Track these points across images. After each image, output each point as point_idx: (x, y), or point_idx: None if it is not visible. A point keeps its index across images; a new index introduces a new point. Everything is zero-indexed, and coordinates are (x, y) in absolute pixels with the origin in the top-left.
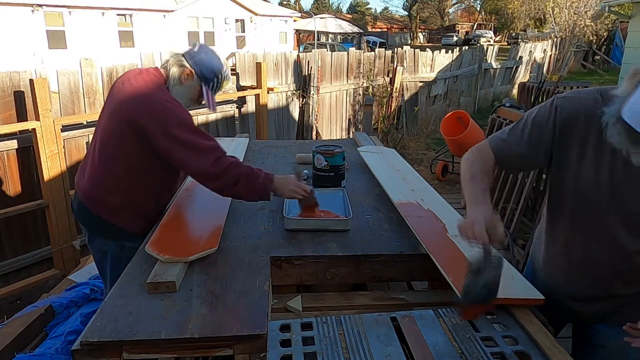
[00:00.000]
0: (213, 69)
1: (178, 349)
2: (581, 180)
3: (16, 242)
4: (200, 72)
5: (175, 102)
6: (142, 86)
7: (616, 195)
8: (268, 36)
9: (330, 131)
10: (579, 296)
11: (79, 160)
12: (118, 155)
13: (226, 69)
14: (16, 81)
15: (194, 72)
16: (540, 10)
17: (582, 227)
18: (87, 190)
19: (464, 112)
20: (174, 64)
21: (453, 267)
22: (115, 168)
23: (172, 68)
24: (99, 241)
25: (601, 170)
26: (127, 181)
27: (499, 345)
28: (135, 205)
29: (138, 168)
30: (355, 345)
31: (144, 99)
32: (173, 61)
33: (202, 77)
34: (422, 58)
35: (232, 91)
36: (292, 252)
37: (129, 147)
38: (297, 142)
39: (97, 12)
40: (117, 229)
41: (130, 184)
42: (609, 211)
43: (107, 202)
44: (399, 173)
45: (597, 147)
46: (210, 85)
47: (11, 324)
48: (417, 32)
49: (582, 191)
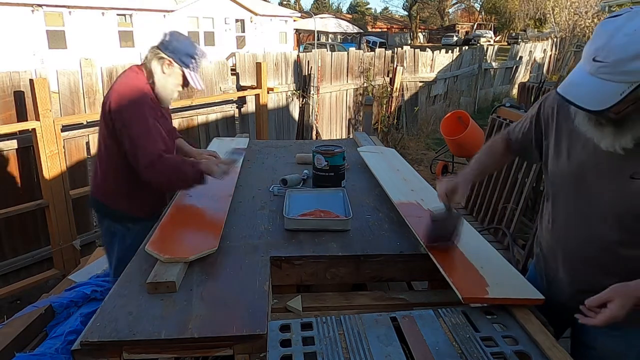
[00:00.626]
0: (189, 52)
1: (178, 349)
2: (555, 167)
3: (16, 242)
4: (178, 59)
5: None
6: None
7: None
8: (268, 36)
9: (330, 131)
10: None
11: (79, 160)
12: (105, 149)
13: (199, 49)
14: (16, 81)
15: (172, 61)
16: (540, 10)
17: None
18: (93, 182)
19: (464, 112)
20: (153, 58)
21: (453, 267)
22: (107, 160)
23: (152, 62)
24: (107, 223)
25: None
26: (118, 171)
27: (499, 345)
28: (133, 193)
29: (123, 159)
30: (355, 345)
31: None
32: (151, 56)
33: (181, 62)
34: (422, 58)
35: (232, 91)
36: (292, 252)
37: (110, 140)
38: (297, 142)
39: (97, 12)
40: (121, 213)
41: (122, 173)
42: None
43: (109, 191)
44: (399, 173)
45: (568, 134)
46: (190, 67)
47: (11, 324)
48: (417, 32)
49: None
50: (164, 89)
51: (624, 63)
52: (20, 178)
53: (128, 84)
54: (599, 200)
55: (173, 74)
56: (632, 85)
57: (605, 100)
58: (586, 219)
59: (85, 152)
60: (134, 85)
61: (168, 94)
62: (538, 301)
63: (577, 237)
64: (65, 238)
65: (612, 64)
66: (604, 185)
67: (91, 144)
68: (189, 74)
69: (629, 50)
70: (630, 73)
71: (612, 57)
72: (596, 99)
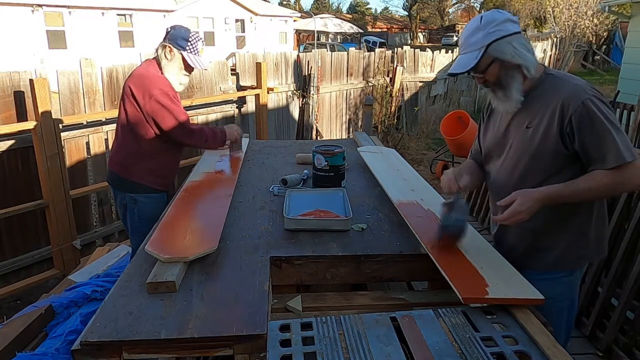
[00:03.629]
0: (183, 36)
1: (178, 349)
2: (485, 140)
3: (16, 242)
4: (175, 43)
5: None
6: (136, 70)
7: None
8: (268, 36)
9: (330, 131)
10: None
11: (79, 160)
12: (122, 124)
13: (195, 33)
14: (16, 81)
15: (172, 46)
16: (542, 8)
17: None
18: (111, 157)
19: (464, 112)
20: (159, 49)
21: (453, 267)
22: (123, 134)
23: (159, 51)
24: (120, 196)
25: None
26: (133, 144)
27: (499, 345)
28: (143, 163)
29: (137, 132)
30: (355, 345)
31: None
32: (159, 48)
33: (178, 46)
34: (422, 58)
35: (232, 91)
36: (292, 252)
37: (127, 115)
38: (297, 142)
39: (97, 12)
40: (131, 183)
41: (134, 145)
42: (500, 156)
43: (122, 162)
44: (399, 173)
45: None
46: (187, 49)
47: (11, 324)
48: (417, 32)
49: (486, 148)
50: (170, 73)
51: (468, 39)
52: (20, 178)
53: (148, 73)
54: (510, 152)
55: (174, 59)
56: (480, 50)
57: (468, 64)
58: (504, 169)
59: (85, 152)
60: (152, 73)
61: (176, 78)
62: (538, 301)
63: (499, 182)
64: (65, 238)
65: (463, 42)
66: (513, 139)
67: (91, 144)
68: (187, 56)
69: (468, 30)
70: (474, 44)
71: (462, 39)
72: (462, 65)
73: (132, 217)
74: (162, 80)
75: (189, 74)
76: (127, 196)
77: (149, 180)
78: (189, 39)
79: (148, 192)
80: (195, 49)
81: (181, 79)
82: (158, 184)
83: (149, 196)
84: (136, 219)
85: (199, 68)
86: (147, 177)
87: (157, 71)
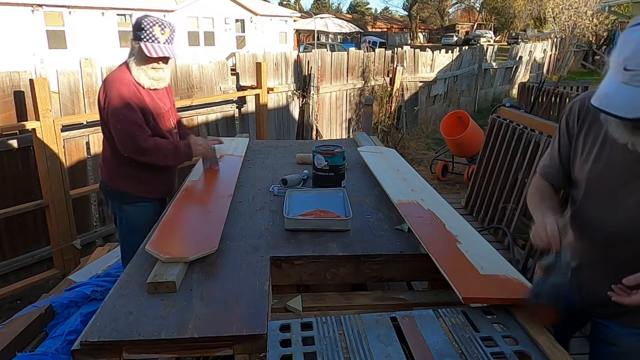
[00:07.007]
0: (138, 25)
1: (178, 349)
2: (581, 172)
3: (16, 242)
4: (134, 36)
5: (121, 79)
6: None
7: (609, 182)
8: (268, 36)
9: (330, 131)
10: None
11: (79, 160)
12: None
13: (150, 17)
14: (16, 81)
15: (132, 40)
16: (541, 8)
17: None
18: (100, 164)
19: (464, 112)
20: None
21: (453, 267)
22: (105, 142)
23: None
24: (111, 204)
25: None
26: (111, 152)
27: (499, 345)
28: (129, 172)
29: (110, 139)
30: (355, 345)
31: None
32: None
33: (135, 37)
34: (422, 58)
35: (232, 91)
36: (292, 252)
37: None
38: (297, 142)
39: (97, 12)
40: (117, 191)
41: (112, 152)
42: (614, 198)
43: (107, 170)
44: (399, 173)
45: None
46: (144, 38)
47: (11, 324)
48: (417, 32)
49: (582, 182)
50: (135, 69)
51: None
52: (20, 178)
53: (112, 77)
54: (625, 203)
55: (137, 53)
56: None
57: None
58: (626, 221)
59: (85, 152)
60: (115, 76)
61: (143, 74)
62: None
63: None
64: (65, 238)
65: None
66: (632, 188)
67: (91, 144)
68: (144, 45)
69: None
70: None
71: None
72: (633, 107)
73: (121, 226)
74: (123, 81)
75: (160, 66)
76: (115, 204)
77: (137, 189)
78: (143, 26)
79: (137, 200)
80: (152, 36)
81: (149, 73)
82: (148, 192)
83: (137, 205)
84: (125, 228)
85: (160, 54)
86: (134, 186)
87: (126, 72)
